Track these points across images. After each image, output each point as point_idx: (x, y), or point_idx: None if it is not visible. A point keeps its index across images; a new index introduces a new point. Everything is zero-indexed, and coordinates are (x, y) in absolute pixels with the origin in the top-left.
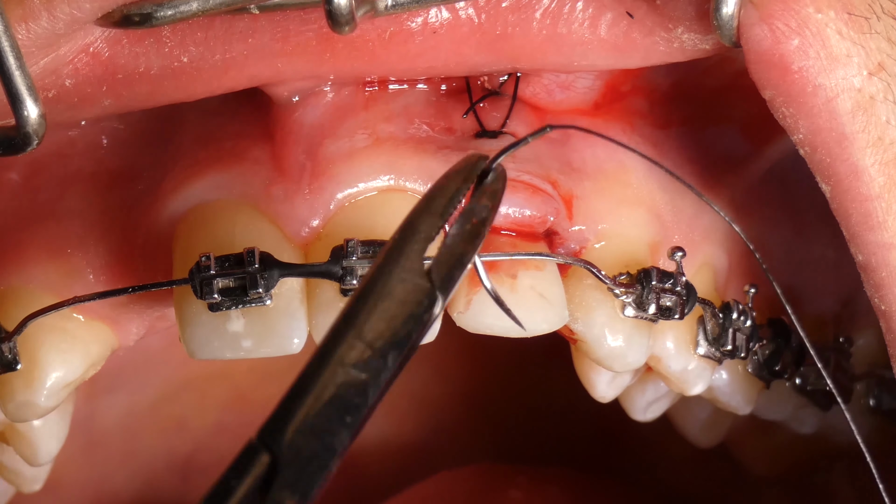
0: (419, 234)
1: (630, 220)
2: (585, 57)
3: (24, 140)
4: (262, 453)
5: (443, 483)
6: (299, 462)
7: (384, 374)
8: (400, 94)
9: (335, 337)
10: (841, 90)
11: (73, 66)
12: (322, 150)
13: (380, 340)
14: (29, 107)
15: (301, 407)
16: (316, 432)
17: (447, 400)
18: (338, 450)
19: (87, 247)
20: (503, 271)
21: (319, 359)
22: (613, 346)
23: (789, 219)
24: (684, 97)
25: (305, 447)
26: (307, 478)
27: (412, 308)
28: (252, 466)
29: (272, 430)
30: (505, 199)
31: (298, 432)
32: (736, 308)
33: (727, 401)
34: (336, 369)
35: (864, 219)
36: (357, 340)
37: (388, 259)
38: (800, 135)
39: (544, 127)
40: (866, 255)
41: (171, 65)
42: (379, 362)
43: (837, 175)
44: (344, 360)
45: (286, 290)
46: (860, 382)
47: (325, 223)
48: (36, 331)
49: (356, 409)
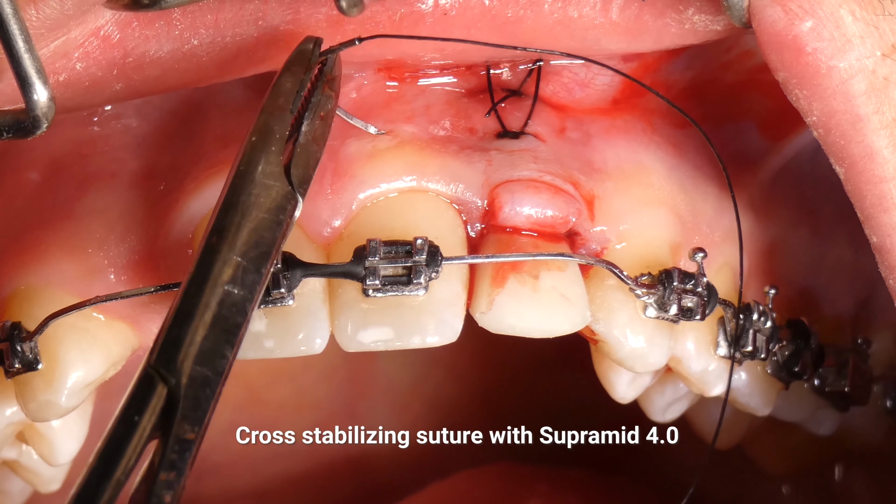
0: (274, 135)
1: (651, 221)
2: (598, 41)
3: (34, 123)
4: (159, 384)
5: (462, 483)
6: (195, 391)
7: (259, 287)
8: (420, 94)
9: (208, 254)
10: (855, 72)
11: (83, 49)
12: (343, 150)
13: (252, 252)
14: (38, 90)
15: (189, 332)
16: (206, 358)
17: (461, 401)
18: (225, 373)
19: (108, 246)
20: (526, 272)
21: (197, 278)
22: (635, 346)
23: (807, 221)
24: (702, 94)
25: (199, 375)
26: (203, 407)
27: (277, 214)
28: (151, 399)
29: (164, 358)
30: (527, 200)
31: (191, 359)
32: (756, 309)
33: (746, 402)
34: (216, 289)
35: (879, 200)
36: (231, 255)
37: (249, 164)
38: (813, 117)
39: (353, 39)
40: (881, 237)
41: (182, 48)
42: (254, 276)
43: (852, 157)
44: (222, 279)
45: (308, 290)
46: (878, 384)
47: (348, 223)
48: (57, 331)
49: (238, 329)
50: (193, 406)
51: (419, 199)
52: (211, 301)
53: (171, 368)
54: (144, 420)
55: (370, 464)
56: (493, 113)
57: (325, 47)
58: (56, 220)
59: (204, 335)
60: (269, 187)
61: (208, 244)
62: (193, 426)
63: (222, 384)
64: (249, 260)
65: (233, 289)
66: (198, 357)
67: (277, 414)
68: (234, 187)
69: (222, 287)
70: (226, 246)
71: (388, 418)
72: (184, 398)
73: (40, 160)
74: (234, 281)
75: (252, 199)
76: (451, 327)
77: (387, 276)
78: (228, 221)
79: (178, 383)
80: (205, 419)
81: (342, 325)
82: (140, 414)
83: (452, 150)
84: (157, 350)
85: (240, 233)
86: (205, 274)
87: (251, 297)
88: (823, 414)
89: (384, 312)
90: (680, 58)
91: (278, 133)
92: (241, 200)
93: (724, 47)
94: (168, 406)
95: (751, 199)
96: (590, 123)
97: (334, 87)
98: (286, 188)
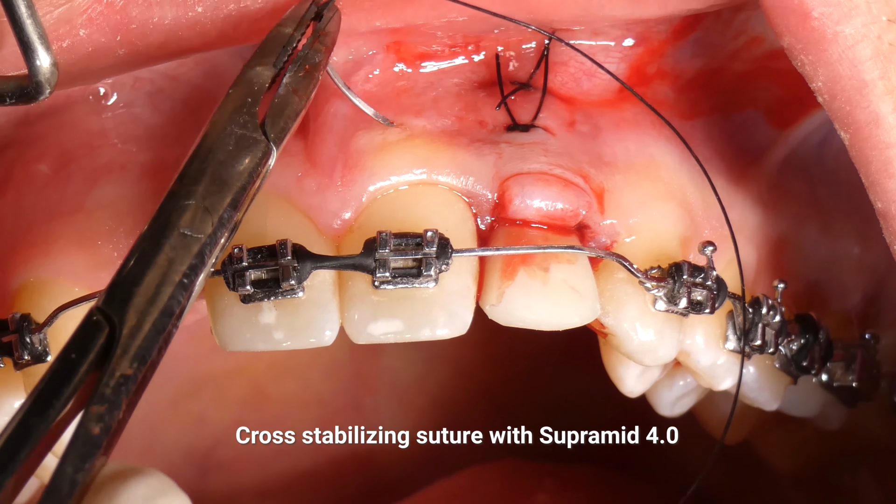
0: (251, 87)
1: (661, 215)
2: (602, 7)
3: (37, 89)
4: (104, 325)
5: (469, 479)
6: (137, 329)
7: (220, 232)
8: (430, 87)
9: (169, 199)
10: (861, 37)
11: (87, 15)
12: (354, 142)
13: (214, 198)
14: (41, 55)
15: (140, 274)
16: (155, 298)
17: (466, 398)
18: (175, 312)
19: (118, 239)
20: (536, 264)
21: (155, 223)
22: (644, 340)
23: (815, 215)
24: (710, 83)
25: (144, 314)
26: (146, 344)
27: (248, 161)
28: (93, 338)
29: (111, 299)
30: (537, 193)
31: (137, 299)
32: (765, 303)
33: (754, 396)
34: (171, 233)
35: (884, 166)
36: (190, 201)
37: (221, 114)
38: (819, 83)
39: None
40: (885, 203)
41: (186, 14)
42: (214, 221)
43: (857, 123)
44: (179, 223)
45: (318, 282)
46: (886, 380)
47: (358, 216)
48: (66, 323)
49: (194, 271)
50: (137, 344)
51: (429, 192)
52: (164, 243)
53: (119, 309)
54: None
55: (374, 461)
56: (503, 106)
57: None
58: (65, 213)
59: (156, 277)
60: (241, 136)
61: (171, 189)
62: (133, 363)
63: (173, 326)
64: (211, 205)
65: (189, 232)
66: (148, 298)
67: (283, 409)
68: (204, 136)
69: (178, 230)
70: (186, 190)
71: (394, 414)
72: (126, 336)
73: (50, 152)
74: (192, 225)
75: (219, 146)
76: (462, 320)
77: (397, 268)
78: (192, 168)
79: (122, 322)
80: (149, 358)
81: (352, 317)
82: (79, 353)
83: (462, 143)
84: (106, 291)
85: (202, 179)
86: (163, 218)
87: (211, 243)
88: (831, 409)
89: (394, 305)
90: (687, 43)
91: (256, 85)
92: (208, 147)
93: (732, 34)
94: (109, 344)
95: (759, 192)
96: (599, 117)
97: (326, 42)
98: (259, 137)
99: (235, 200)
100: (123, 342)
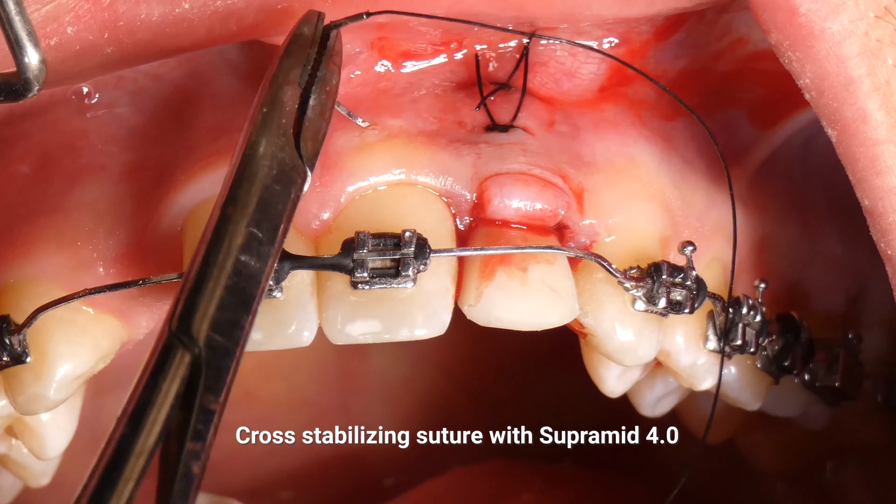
0: (284, 108)
1: (641, 214)
2: (590, 5)
3: (25, 86)
4: (180, 351)
5: (457, 479)
6: (217, 360)
7: (271, 259)
8: (409, 88)
9: (224, 223)
10: (848, 34)
11: (74, 13)
12: (332, 143)
13: (265, 224)
14: (29, 53)
15: (205, 301)
16: (224, 327)
17: (453, 398)
18: (241, 343)
19: (97, 239)
20: (514, 265)
21: (213, 248)
22: (623, 340)
23: (797, 215)
24: (693, 84)
25: (219, 344)
26: (223, 377)
27: (288, 186)
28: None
29: (187, 328)
30: (516, 193)
31: (208, 328)
32: (746, 303)
33: (736, 396)
34: (231, 259)
35: (871, 163)
36: (245, 226)
37: (260, 135)
38: (806, 79)
39: (361, 13)
40: (873, 200)
41: (173, 11)
42: (267, 248)
43: (844, 120)
44: (236, 249)
45: (296, 282)
46: (869, 380)
47: (336, 216)
48: (45, 324)
49: (253, 298)
50: (216, 376)
51: (408, 192)
52: (226, 270)
53: (189, 337)
54: (168, 386)
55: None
56: (482, 107)
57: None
58: (45, 214)
59: (220, 304)
60: (281, 160)
61: (223, 214)
62: (216, 396)
63: (240, 355)
64: (263, 231)
65: (247, 259)
66: (215, 326)
67: (271, 410)
68: (246, 158)
69: (237, 256)
70: (240, 216)
71: (381, 414)
72: (207, 367)
73: (32, 153)
74: (249, 251)
75: (265, 171)
76: (440, 320)
77: (375, 268)
78: (242, 192)
79: (200, 352)
80: (224, 390)
81: (330, 317)
82: (165, 379)
83: (441, 144)
84: (178, 318)
85: (253, 204)
86: (219, 243)
87: (264, 268)
88: (814, 409)
89: (372, 305)
90: (669, 45)
91: (288, 106)
92: (254, 171)
93: (716, 35)
94: (191, 375)
95: (741, 192)
96: (578, 117)
97: (337, 63)
98: (296, 161)
99: (285, 228)
100: (206, 374)
